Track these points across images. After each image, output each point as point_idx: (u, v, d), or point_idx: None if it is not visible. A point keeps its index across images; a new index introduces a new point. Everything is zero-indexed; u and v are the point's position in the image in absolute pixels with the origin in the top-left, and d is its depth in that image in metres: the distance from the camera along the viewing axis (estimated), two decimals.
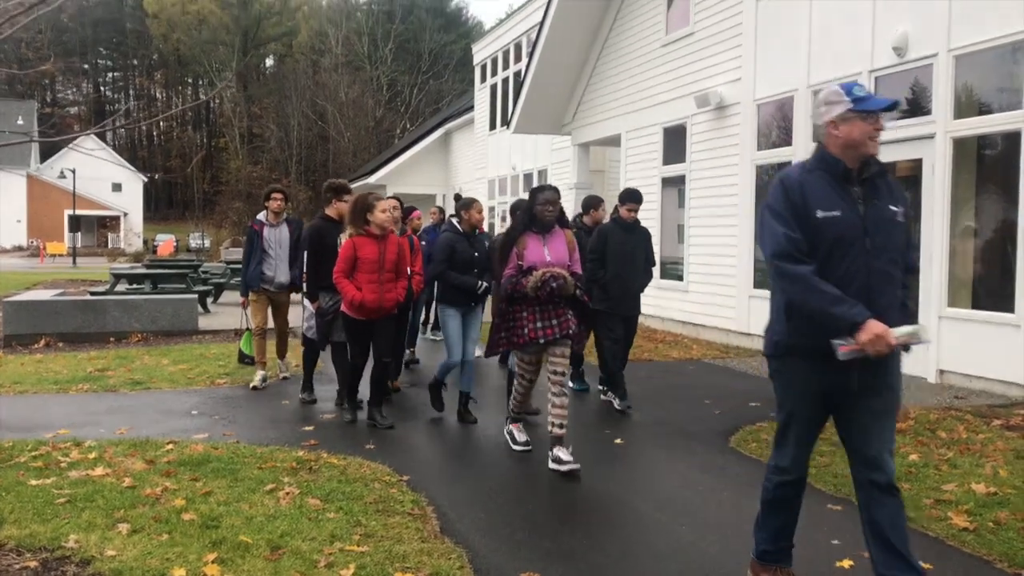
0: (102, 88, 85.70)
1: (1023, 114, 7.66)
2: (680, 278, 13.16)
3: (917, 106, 8.95)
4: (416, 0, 76.85)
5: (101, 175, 58.30)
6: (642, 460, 5.94)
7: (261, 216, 8.46)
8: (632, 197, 7.57)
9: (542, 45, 15.86)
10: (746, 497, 4.97)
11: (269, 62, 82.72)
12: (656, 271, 8.78)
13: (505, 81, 22.22)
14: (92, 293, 14.58)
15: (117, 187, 65.31)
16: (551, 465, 5.54)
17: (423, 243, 8.93)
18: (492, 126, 23.26)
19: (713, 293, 12.29)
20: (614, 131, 15.20)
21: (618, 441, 6.41)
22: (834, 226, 3.19)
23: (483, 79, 24.17)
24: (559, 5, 15.12)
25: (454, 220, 7.10)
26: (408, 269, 6.97)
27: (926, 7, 8.69)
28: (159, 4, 77.32)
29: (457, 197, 7.24)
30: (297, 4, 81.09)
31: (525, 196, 7.02)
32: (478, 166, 24.38)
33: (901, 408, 3.37)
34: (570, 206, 14.65)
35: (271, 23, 78.64)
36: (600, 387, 8.05)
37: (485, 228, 10.95)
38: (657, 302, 13.44)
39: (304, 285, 7.55)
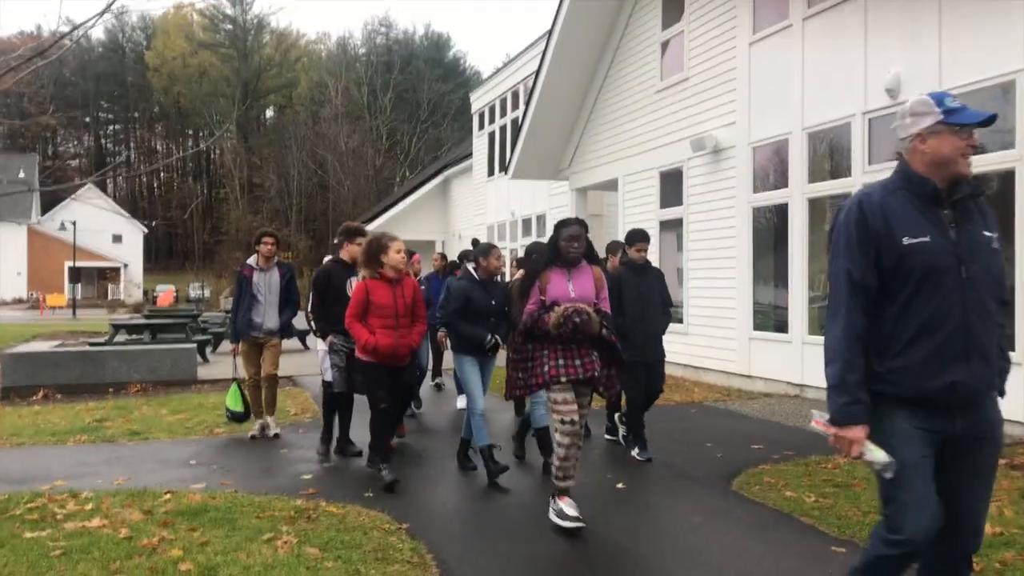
0: (103, 141, 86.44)
1: (1017, 153, 7.71)
2: (680, 320, 13.15)
3: None
4: (415, 51, 77.95)
5: (101, 226, 58.57)
6: (645, 504, 5.88)
7: (251, 260, 8.21)
8: (640, 237, 7.39)
9: (539, 92, 16.02)
10: (750, 540, 4.92)
11: (269, 113, 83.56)
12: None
13: (503, 128, 22.42)
14: (91, 344, 14.56)
15: (117, 238, 65.53)
16: (552, 517, 5.26)
17: (422, 288, 8.63)
18: (491, 172, 23.42)
19: (713, 336, 12.27)
20: (611, 176, 15.29)
21: (620, 485, 6.34)
22: (924, 254, 2.79)
23: (481, 126, 24.40)
24: (555, 53, 15.31)
25: (470, 267, 6.81)
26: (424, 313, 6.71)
27: (917, 49, 8.80)
28: (160, 57, 78.36)
29: (475, 243, 7.08)
30: (297, 56, 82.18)
31: (527, 241, 6.95)
32: (477, 212, 24.51)
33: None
34: None
35: (271, 75, 79.59)
36: (607, 436, 8.05)
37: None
38: None
39: (312, 323, 7.40)
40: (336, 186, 61.69)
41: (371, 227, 30.98)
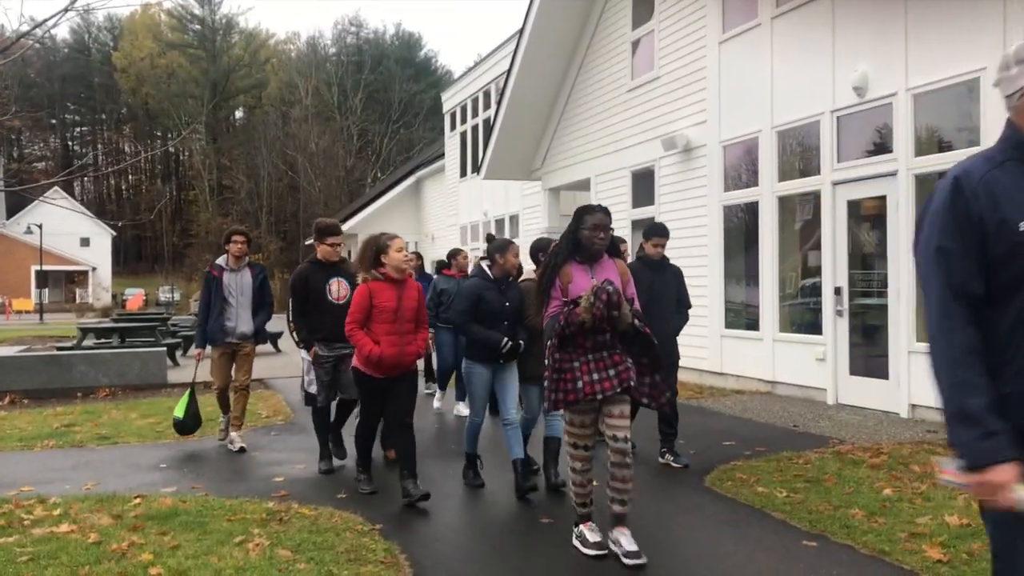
0: (70, 143, 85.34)
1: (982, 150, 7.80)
2: None
3: (879, 144, 9.11)
4: (385, 51, 77.67)
5: (68, 229, 57.74)
6: None
7: (220, 261, 7.69)
8: (658, 231, 6.87)
9: (510, 92, 16.02)
10: (723, 535, 4.95)
11: (239, 114, 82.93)
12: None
13: (475, 128, 22.40)
14: (59, 348, 14.37)
15: (85, 242, 64.72)
16: (612, 548, 4.60)
17: None
18: (463, 173, 23.39)
19: (686, 333, 12.23)
20: (583, 175, 15.32)
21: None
22: None
23: (453, 127, 24.36)
24: (526, 52, 15.32)
25: (484, 264, 6.17)
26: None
27: (884, 47, 8.89)
28: (127, 58, 77.53)
29: (490, 238, 6.52)
30: (266, 56, 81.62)
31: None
32: (450, 213, 24.47)
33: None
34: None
35: (240, 75, 78.98)
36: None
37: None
38: None
39: (294, 334, 6.88)
40: (307, 187, 61.32)
41: (344, 228, 30.89)
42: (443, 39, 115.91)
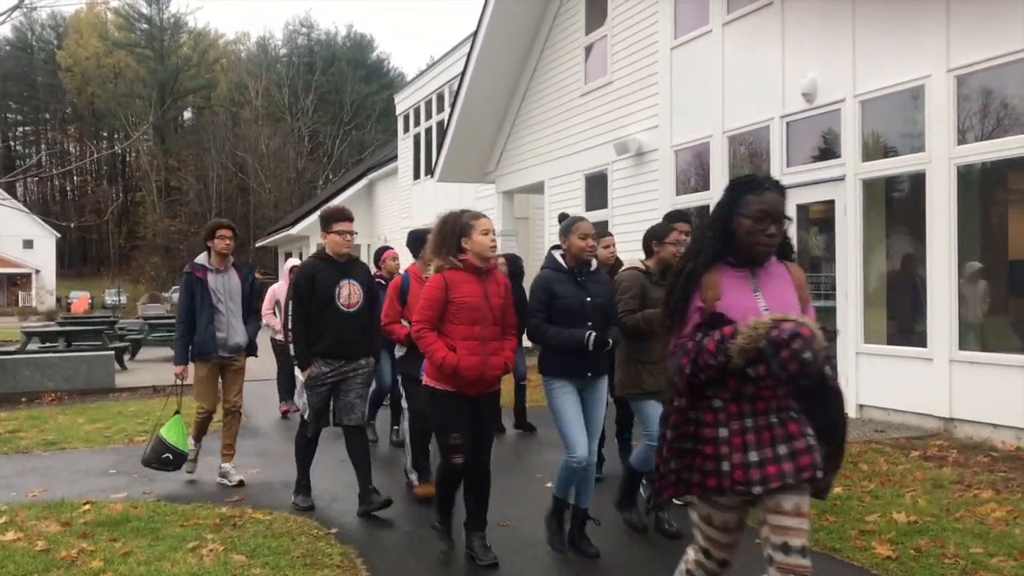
0: (12, 143, 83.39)
1: (927, 156, 8.01)
2: None
3: (828, 149, 9.30)
4: (337, 52, 77.09)
5: (11, 231, 56.41)
6: (592, 510, 5.91)
7: (202, 259, 6.53)
8: (682, 216, 5.95)
9: (464, 95, 16.03)
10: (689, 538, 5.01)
11: (187, 114, 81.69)
12: None
13: (428, 131, 22.35)
14: (1, 352, 14.03)
15: (28, 244, 63.26)
16: None
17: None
18: (416, 175, 23.32)
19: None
20: (537, 179, 15.38)
21: (548, 485, 6.37)
22: None
23: (406, 129, 24.28)
24: (480, 56, 15.33)
25: (556, 253, 4.94)
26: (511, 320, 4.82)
27: (831, 54, 9.07)
28: (72, 57, 75.98)
29: (562, 217, 5.61)
30: (215, 56, 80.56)
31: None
32: (403, 215, 24.37)
33: None
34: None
35: (189, 76, 77.82)
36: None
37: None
38: None
39: (292, 347, 5.68)
40: (257, 189, 60.60)
41: (294, 230, 30.66)
42: (395, 41, 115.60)
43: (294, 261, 9.95)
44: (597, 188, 13.59)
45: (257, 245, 45.40)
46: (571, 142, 14.24)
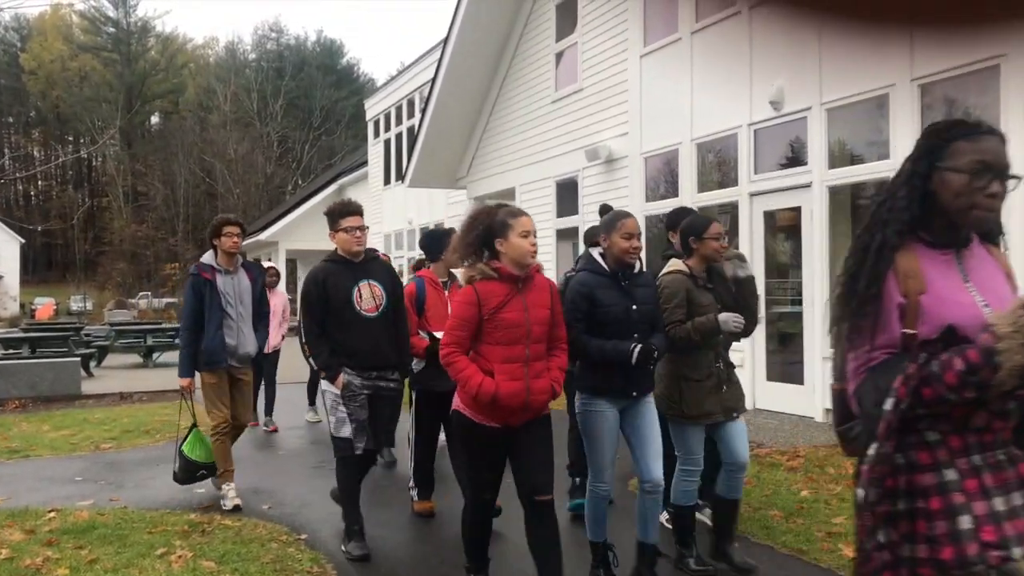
0: None
1: (892, 163, 8.13)
2: None
3: (794, 157, 9.42)
4: (306, 57, 76.78)
5: None
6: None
7: (209, 259, 5.98)
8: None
9: (435, 101, 16.04)
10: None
11: (155, 119, 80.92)
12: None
13: (399, 136, 22.33)
14: None
15: None
16: None
17: None
18: (387, 180, 23.28)
19: None
20: (508, 185, 15.42)
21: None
22: None
23: (377, 134, 24.23)
24: (451, 62, 15.35)
25: (594, 252, 4.30)
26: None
27: (799, 64, 9.19)
28: (36, 60, 74.96)
29: (604, 209, 5.08)
30: (183, 61, 79.88)
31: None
32: (374, 220, 24.26)
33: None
34: None
35: (156, 80, 77.13)
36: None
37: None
38: None
39: (311, 359, 5.24)
40: (225, 194, 60.09)
41: (263, 236, 30.44)
42: (365, 47, 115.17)
43: (269, 264, 9.90)
44: (568, 194, 13.65)
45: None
46: (542, 148, 14.30)
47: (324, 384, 4.99)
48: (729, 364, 4.58)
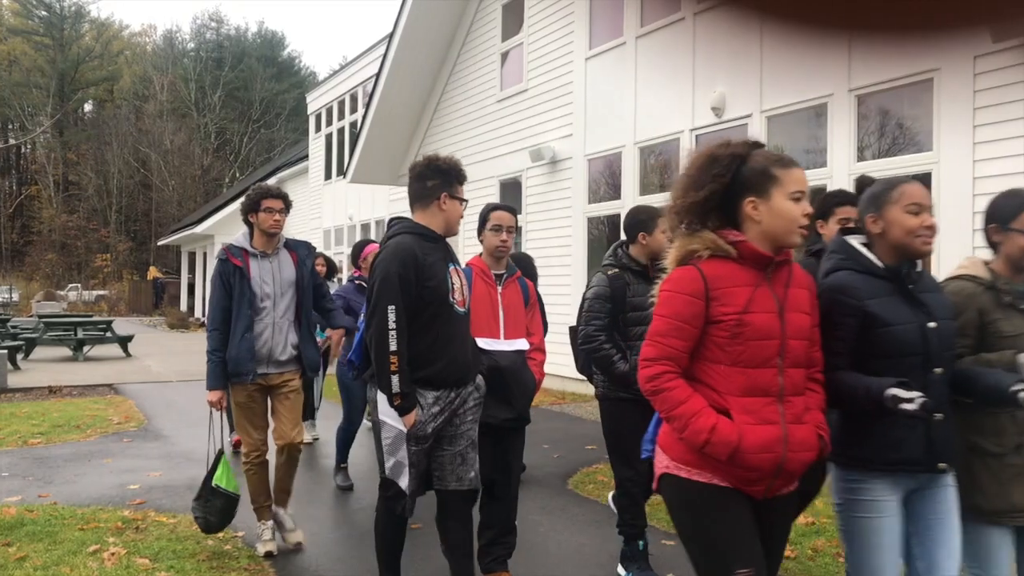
0: None
1: (828, 171, 8.34)
2: None
3: None
4: (247, 48, 75.55)
5: None
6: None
7: (241, 240, 4.82)
8: (849, 200, 3.78)
9: (379, 96, 15.94)
10: (586, 535, 5.10)
11: (88, 107, 78.90)
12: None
13: (341, 131, 22.14)
14: None
15: None
16: None
17: (338, 299, 6.17)
18: (328, 176, 23.07)
19: (549, 341, 12.48)
20: None
21: None
22: None
23: (318, 128, 24.00)
24: (396, 57, 15.28)
25: (855, 242, 2.77)
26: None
27: (740, 71, 9.36)
28: None
29: (863, 182, 2.90)
30: (119, 48, 78.00)
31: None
32: (313, 216, 24.06)
33: None
34: None
35: (91, 67, 75.14)
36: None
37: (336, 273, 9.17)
38: None
39: (379, 379, 3.49)
40: (160, 185, 58.98)
41: (199, 228, 29.93)
42: (307, 40, 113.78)
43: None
44: (511, 194, 13.69)
45: (159, 243, 44.14)
46: (486, 148, 14.31)
47: (383, 413, 3.56)
48: None
